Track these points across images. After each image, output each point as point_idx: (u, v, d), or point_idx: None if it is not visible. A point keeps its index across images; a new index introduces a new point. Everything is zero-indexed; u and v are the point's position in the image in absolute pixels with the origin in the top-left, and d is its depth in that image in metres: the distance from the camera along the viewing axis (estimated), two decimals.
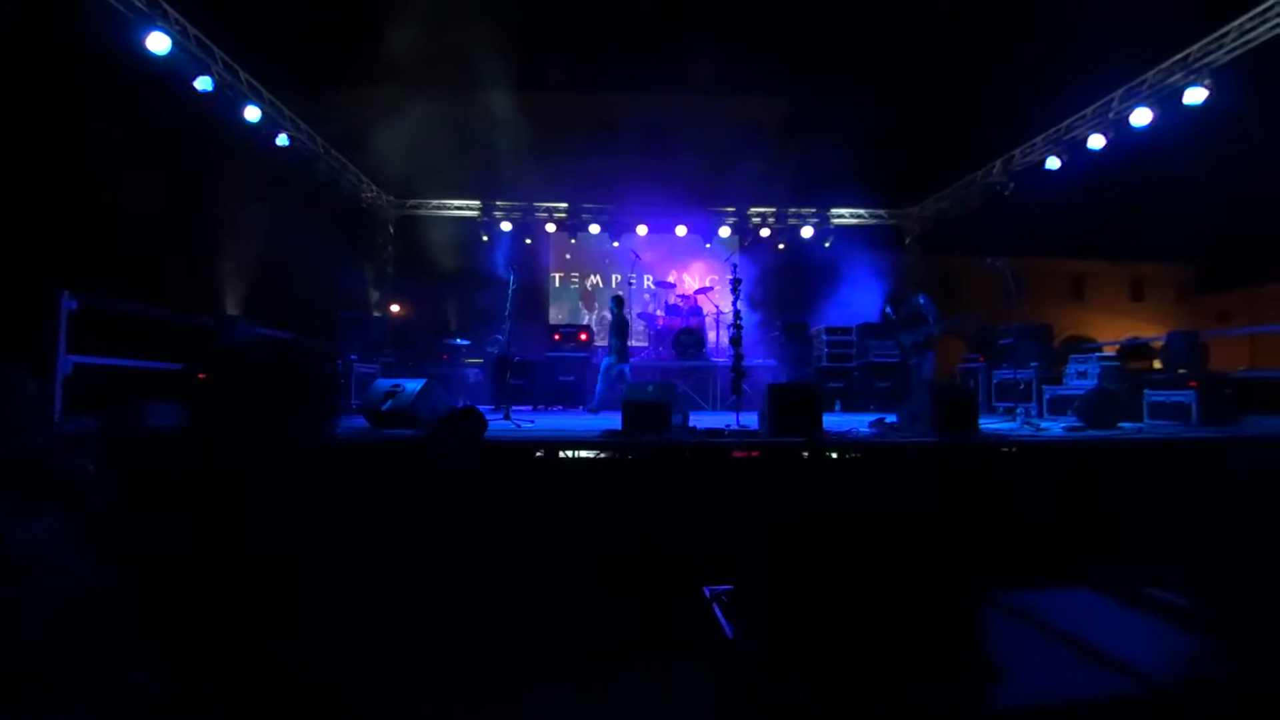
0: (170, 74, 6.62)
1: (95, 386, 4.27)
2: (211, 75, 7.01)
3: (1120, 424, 5.67)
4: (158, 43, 6.17)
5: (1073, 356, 7.61)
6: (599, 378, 7.90)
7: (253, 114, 7.80)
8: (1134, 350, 7.90)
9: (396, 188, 11.74)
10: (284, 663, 1.18)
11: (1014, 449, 4.55)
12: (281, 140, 8.49)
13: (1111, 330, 21.86)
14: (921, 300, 7.11)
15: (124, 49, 6.13)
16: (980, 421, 5.16)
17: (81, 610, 1.47)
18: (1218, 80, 6.78)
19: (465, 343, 10.34)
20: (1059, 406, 7.07)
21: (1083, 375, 7.23)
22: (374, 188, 11.33)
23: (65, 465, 1.68)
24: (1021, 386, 7.44)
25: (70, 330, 4.23)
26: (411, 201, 12.15)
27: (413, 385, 4.78)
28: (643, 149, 16.68)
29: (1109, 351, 8.10)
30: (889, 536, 1.84)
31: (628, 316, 8.26)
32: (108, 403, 3.89)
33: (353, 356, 7.86)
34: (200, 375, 5.37)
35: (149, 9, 6.17)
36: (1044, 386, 7.49)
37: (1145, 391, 6.29)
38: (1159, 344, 7.94)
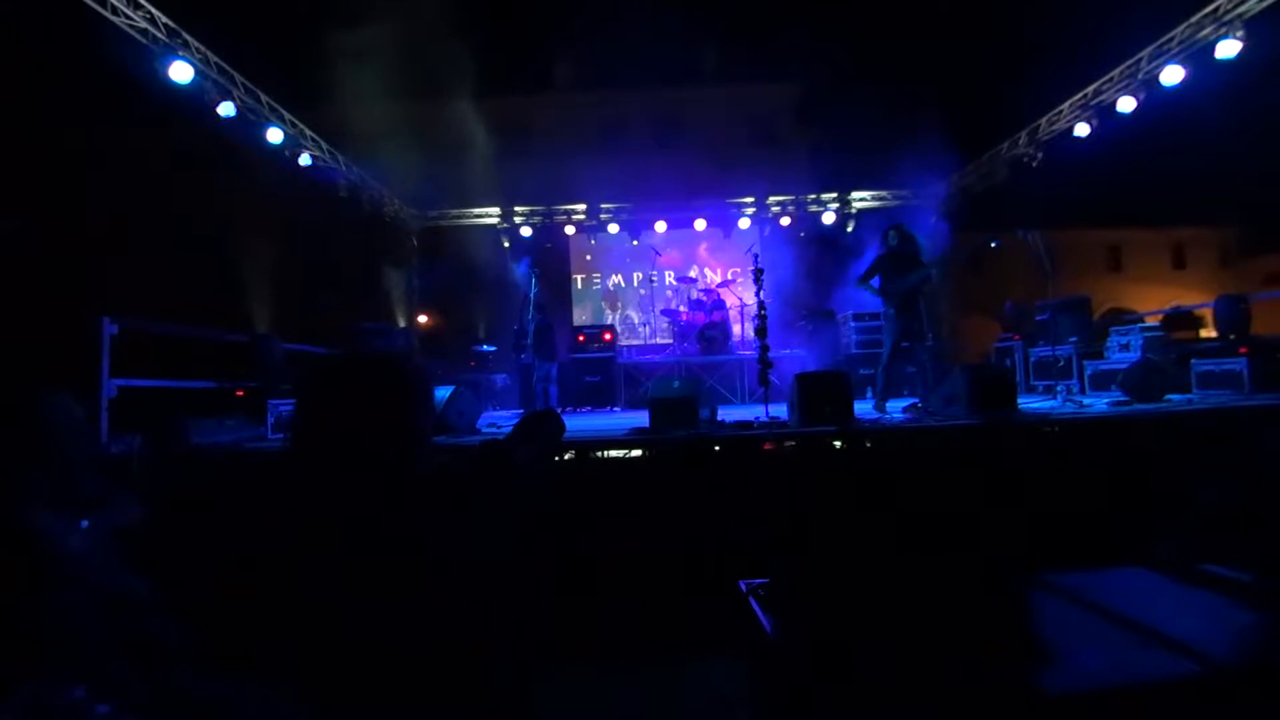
0: (194, 100, 6.80)
1: (137, 405, 4.41)
2: (233, 100, 7.18)
3: (1168, 396, 5.47)
4: (180, 72, 6.34)
5: (1114, 329, 7.36)
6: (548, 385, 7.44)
7: (275, 136, 7.97)
8: (1178, 319, 7.61)
9: (418, 199, 11.90)
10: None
11: (1057, 427, 4.42)
12: (304, 160, 8.65)
13: (1153, 300, 21.10)
14: (915, 238, 5.89)
15: (148, 78, 6.33)
16: (1019, 401, 5.02)
17: (127, 616, 1.52)
18: (1251, 31, 6.44)
19: (492, 349, 10.45)
20: (1102, 382, 6.85)
21: (1125, 348, 6.99)
22: (395, 201, 11.49)
23: (92, 487, 1.73)
24: (1061, 363, 7.21)
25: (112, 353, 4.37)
26: (433, 212, 12.30)
27: (441, 392, 4.83)
28: (657, 145, 16.66)
29: (1152, 322, 7.81)
30: (931, 523, 1.80)
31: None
32: (150, 421, 4.01)
33: None
34: (239, 393, 5.47)
35: (170, 40, 6.34)
36: (1085, 362, 7.26)
37: (1193, 361, 6.05)
38: (1204, 311, 7.63)
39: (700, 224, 12.05)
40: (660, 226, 12.08)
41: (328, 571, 1.23)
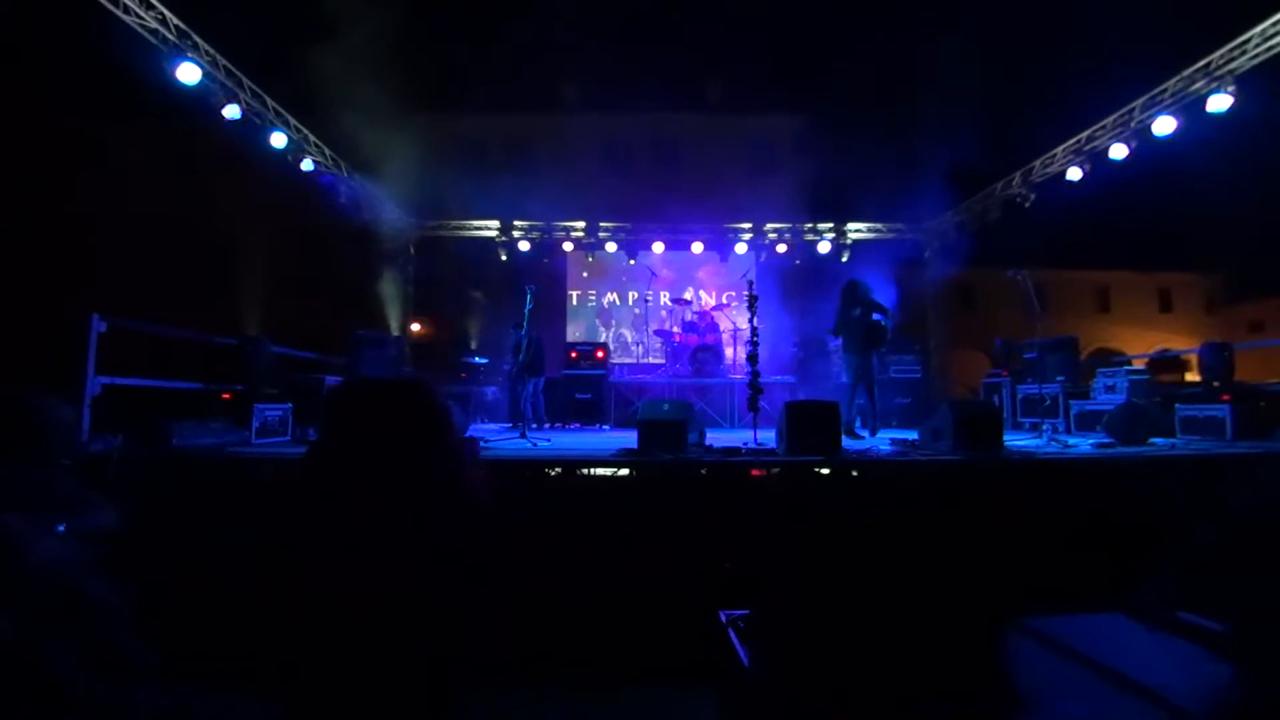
0: (199, 102, 6.83)
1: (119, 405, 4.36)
2: (239, 103, 7.22)
3: (1151, 440, 5.52)
4: (188, 73, 6.37)
5: (1100, 370, 7.43)
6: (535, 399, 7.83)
7: (279, 140, 8.00)
8: (1164, 363, 7.68)
9: (417, 209, 11.94)
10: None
11: (1041, 466, 4.44)
12: (306, 165, 8.70)
13: (1140, 343, 21.40)
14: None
15: (156, 78, 6.36)
16: (1005, 438, 5.05)
17: (92, 624, 1.49)
18: (1242, 86, 6.65)
19: (484, 361, 10.43)
20: (1087, 422, 6.90)
21: (1111, 389, 7.05)
22: (395, 209, 11.53)
23: (70, 489, 1.71)
24: (1047, 402, 7.27)
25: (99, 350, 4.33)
26: (432, 222, 12.33)
27: None
28: (659, 167, 16.86)
29: (1138, 365, 7.90)
30: (911, 559, 1.80)
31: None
32: (131, 421, 3.97)
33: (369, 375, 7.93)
34: (226, 395, 5.41)
35: (180, 41, 6.39)
36: (1071, 401, 7.32)
37: (1177, 406, 6.11)
38: (1189, 356, 7.74)
39: (698, 247, 12.15)
40: (658, 247, 12.17)
41: (326, 587, 1.22)
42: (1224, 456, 4.67)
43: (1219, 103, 6.73)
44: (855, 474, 4.27)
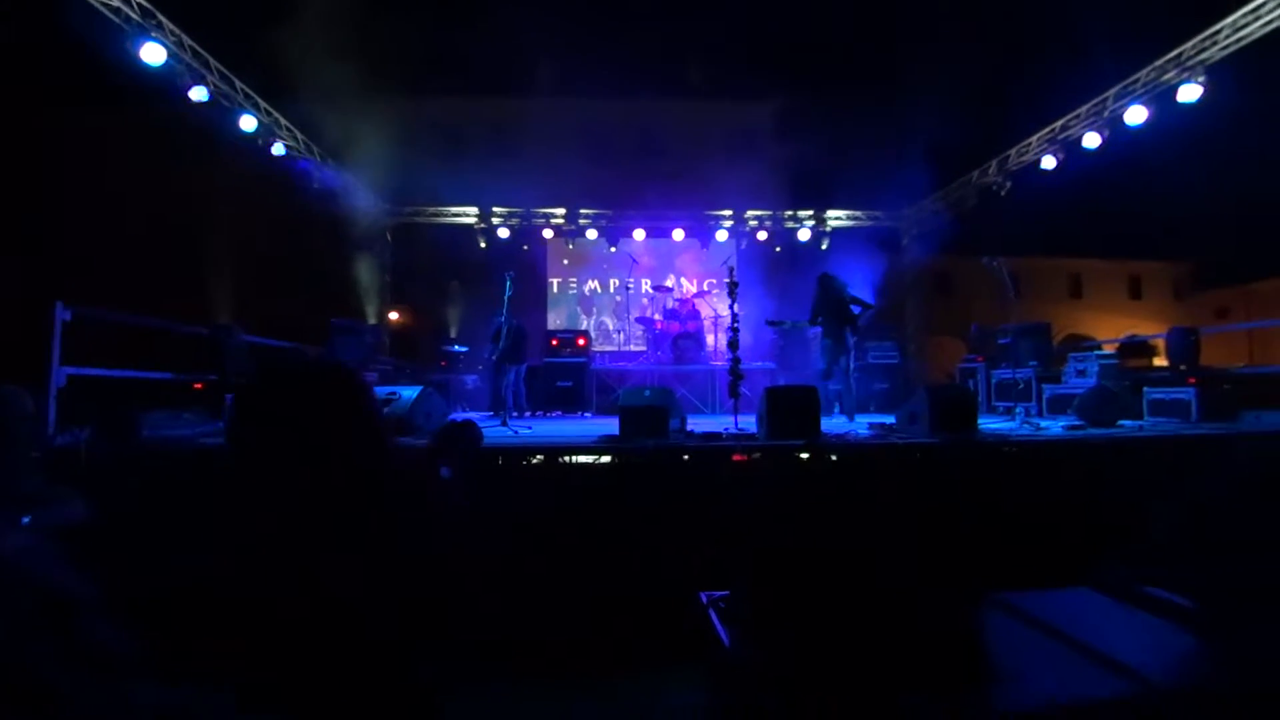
0: (165, 84, 6.61)
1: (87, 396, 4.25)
2: (207, 86, 7.01)
3: (1120, 422, 5.66)
4: (152, 54, 6.17)
5: (1072, 355, 7.59)
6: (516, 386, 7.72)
7: (248, 123, 7.79)
8: (1133, 348, 7.87)
9: (393, 195, 11.72)
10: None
11: (1014, 448, 4.54)
12: (278, 149, 8.48)
13: (1111, 328, 21.87)
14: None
15: (118, 59, 6.14)
16: (980, 421, 5.14)
17: (70, 621, 1.45)
18: (1212, 77, 6.77)
19: (464, 349, 10.34)
20: (1059, 405, 7.05)
21: (1082, 374, 7.21)
22: (370, 195, 11.30)
23: (34, 482, 1.66)
24: (1021, 386, 7.42)
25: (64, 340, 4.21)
26: (408, 208, 12.12)
27: (409, 393, 4.76)
28: (640, 153, 16.76)
29: (1108, 350, 8.08)
30: (887, 538, 1.82)
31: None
32: (100, 413, 3.87)
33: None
34: (198, 385, 5.29)
35: (144, 20, 6.17)
36: (1043, 385, 7.47)
37: (1145, 389, 6.28)
38: (1157, 341, 7.94)
39: (678, 234, 12.12)
40: (639, 234, 12.11)
41: (278, 575, 1.20)
42: (1189, 437, 4.81)
43: (1189, 93, 6.85)
44: (834, 457, 4.32)
